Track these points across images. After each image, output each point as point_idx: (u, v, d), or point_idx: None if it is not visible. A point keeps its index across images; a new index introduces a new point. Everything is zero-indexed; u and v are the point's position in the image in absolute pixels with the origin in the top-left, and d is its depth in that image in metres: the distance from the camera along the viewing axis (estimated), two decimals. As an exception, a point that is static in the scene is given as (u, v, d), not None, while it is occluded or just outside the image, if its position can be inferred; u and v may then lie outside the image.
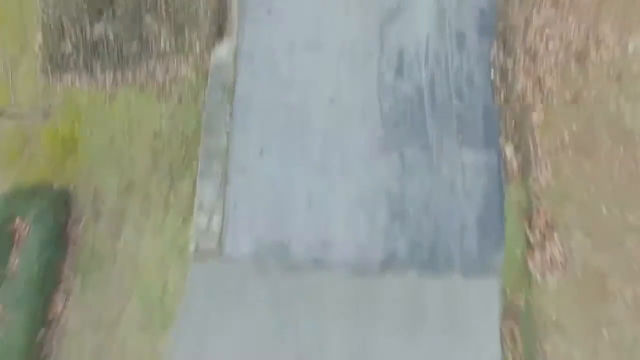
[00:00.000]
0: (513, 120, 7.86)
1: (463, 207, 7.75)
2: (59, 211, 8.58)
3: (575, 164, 7.46)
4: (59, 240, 8.48)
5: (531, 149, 7.71)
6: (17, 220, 8.39)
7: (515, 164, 7.76)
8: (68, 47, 8.58)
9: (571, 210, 7.35)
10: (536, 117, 7.75)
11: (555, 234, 7.32)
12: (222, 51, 8.72)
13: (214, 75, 8.68)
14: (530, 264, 7.28)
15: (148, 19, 8.45)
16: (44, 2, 8.67)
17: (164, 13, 8.45)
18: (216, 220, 8.27)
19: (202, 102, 8.59)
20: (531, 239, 7.40)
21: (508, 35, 7.99)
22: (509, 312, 7.17)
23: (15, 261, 8.20)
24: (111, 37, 8.46)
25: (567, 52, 7.70)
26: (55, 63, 8.60)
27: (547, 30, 7.78)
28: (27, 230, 8.27)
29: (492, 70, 8.01)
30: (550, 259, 7.24)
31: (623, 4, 7.57)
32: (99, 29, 8.49)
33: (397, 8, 8.56)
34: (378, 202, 7.93)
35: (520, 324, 7.12)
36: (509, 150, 7.81)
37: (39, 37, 8.80)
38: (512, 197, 7.65)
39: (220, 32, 8.67)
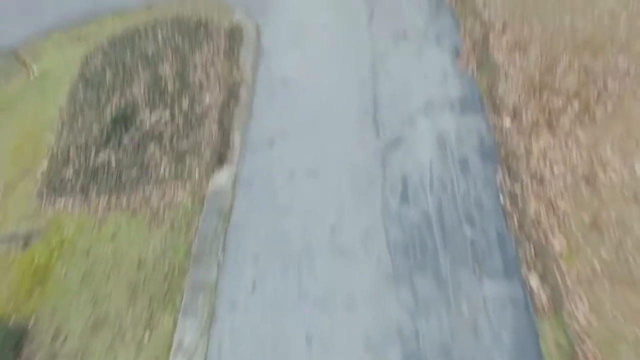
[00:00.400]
0: (532, 247, 7.18)
1: (491, 350, 6.49)
2: (5, 354, 7.26)
3: (616, 296, 6.48)
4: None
5: (559, 279, 6.82)
6: None
7: (544, 297, 6.77)
8: (69, 173, 8.64)
9: (628, 353, 6.07)
10: (557, 243, 7.12)
11: (616, 386, 5.90)
12: (221, 178, 8.66)
13: (211, 201, 8.44)
14: None
15: (152, 147, 8.66)
16: (57, 134, 9.01)
17: (167, 142, 8.66)
18: (196, 364, 6.97)
19: (195, 229, 8.14)
20: (585, 393, 5.96)
21: (511, 161, 7.90)
22: None
23: None
24: (113, 163, 8.56)
25: (574, 175, 7.47)
26: (52, 187, 8.55)
27: (549, 155, 7.71)
28: None
29: (501, 195, 7.71)
30: (618, 421, 5.67)
31: (618, 131, 7.64)
32: (102, 156, 8.62)
33: (397, 137, 8.76)
34: (389, 344, 6.73)
35: None
36: (534, 281, 6.92)
37: (44, 164, 8.90)
38: (547, 337, 6.44)
39: (220, 160, 8.77)
